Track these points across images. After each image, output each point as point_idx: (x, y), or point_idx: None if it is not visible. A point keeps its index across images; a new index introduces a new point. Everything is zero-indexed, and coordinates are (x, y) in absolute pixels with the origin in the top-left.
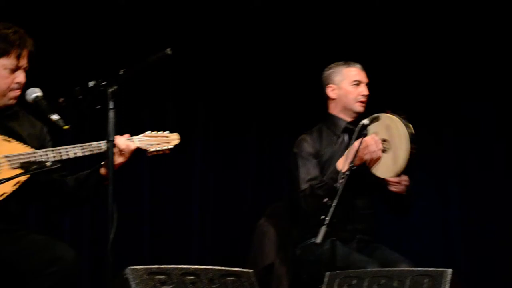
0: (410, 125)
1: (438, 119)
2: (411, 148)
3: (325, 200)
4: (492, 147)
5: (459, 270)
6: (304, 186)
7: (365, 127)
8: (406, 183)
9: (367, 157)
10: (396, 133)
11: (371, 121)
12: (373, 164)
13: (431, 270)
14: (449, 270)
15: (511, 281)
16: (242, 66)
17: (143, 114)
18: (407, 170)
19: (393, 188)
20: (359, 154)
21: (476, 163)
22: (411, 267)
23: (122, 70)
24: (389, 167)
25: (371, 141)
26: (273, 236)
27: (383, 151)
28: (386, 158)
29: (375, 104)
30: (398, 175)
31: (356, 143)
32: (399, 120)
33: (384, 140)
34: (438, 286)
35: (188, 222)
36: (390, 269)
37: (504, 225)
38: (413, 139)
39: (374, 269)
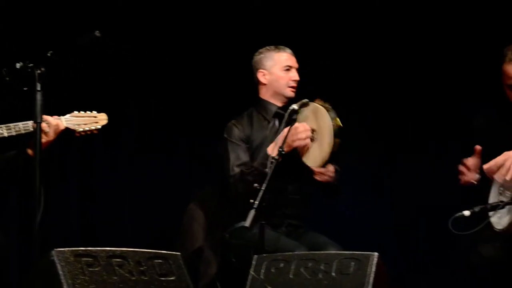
0: (337, 118)
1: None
2: (334, 142)
3: (255, 185)
4: (417, 132)
5: (386, 254)
6: (234, 171)
7: (294, 112)
8: (331, 174)
9: (295, 144)
10: (323, 124)
11: (301, 106)
12: (302, 151)
13: (357, 254)
14: (375, 254)
15: (437, 267)
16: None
17: (72, 97)
18: (331, 161)
19: (317, 178)
20: (288, 140)
21: (407, 150)
22: (339, 251)
23: (50, 51)
24: (315, 157)
25: (301, 129)
26: (202, 220)
27: (312, 140)
28: (313, 148)
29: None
30: (322, 166)
31: (286, 129)
32: (325, 111)
33: (313, 130)
34: (364, 269)
35: (118, 205)
36: (317, 252)
37: (433, 211)
38: (337, 133)
39: (301, 252)
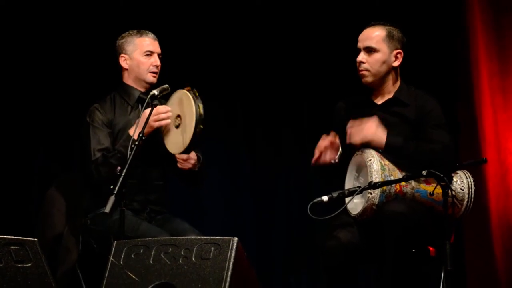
0: (201, 106)
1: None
2: (196, 129)
3: (119, 168)
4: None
5: (246, 239)
6: (95, 156)
7: (154, 97)
8: (194, 161)
9: (156, 124)
10: (187, 111)
11: (161, 92)
12: (164, 135)
13: (217, 239)
14: (235, 239)
15: (295, 251)
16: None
17: None
18: (194, 148)
19: (179, 165)
20: (150, 121)
21: (266, 136)
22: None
23: None
24: (178, 143)
25: (162, 109)
26: (62, 205)
27: (177, 127)
28: (176, 134)
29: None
30: (184, 153)
31: (146, 111)
32: (192, 99)
33: (178, 116)
34: (225, 253)
35: None
36: (177, 237)
37: (292, 196)
38: (199, 120)
39: (161, 237)
